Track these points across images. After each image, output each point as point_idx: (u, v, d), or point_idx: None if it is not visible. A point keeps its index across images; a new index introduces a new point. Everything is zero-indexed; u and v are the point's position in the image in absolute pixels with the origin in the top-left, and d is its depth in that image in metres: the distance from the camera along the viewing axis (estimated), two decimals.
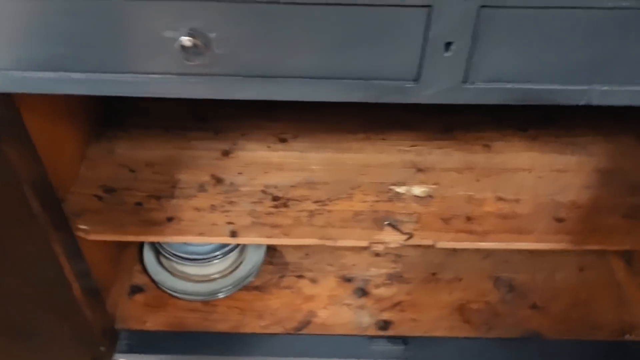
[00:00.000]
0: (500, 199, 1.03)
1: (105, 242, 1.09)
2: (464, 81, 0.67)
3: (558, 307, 1.26)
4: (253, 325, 1.22)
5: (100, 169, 1.05)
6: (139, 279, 1.29)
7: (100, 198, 1.00)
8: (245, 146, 1.12)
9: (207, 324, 1.22)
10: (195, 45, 0.62)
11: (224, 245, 1.21)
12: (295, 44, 0.64)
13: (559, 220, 0.99)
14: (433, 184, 1.05)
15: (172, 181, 1.04)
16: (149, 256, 1.29)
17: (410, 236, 0.96)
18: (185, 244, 1.19)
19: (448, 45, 0.64)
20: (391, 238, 0.96)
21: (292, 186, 1.04)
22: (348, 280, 1.30)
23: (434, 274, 1.32)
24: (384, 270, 1.32)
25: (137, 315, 1.23)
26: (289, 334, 1.21)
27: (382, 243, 0.95)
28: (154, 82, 0.67)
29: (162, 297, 1.26)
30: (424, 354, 1.19)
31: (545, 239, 0.96)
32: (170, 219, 0.98)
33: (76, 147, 1.04)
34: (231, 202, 1.01)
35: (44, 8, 0.61)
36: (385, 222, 0.98)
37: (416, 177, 1.07)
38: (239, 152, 1.11)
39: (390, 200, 1.02)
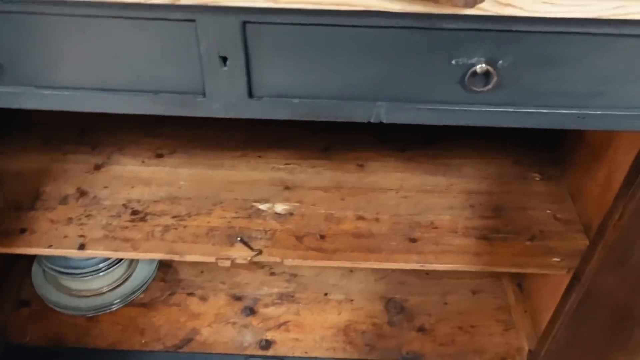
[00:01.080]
0: (360, 217, 1.03)
1: None
2: (250, 96, 0.68)
3: (445, 330, 1.24)
4: (133, 342, 1.21)
5: None
6: (27, 294, 1.28)
7: None
8: (120, 160, 1.13)
9: (86, 340, 1.21)
10: None
11: (107, 259, 1.21)
12: (75, 57, 0.65)
13: (412, 240, 0.98)
14: (296, 202, 1.05)
15: (36, 193, 1.05)
16: (36, 270, 1.28)
17: (260, 252, 0.96)
18: (68, 257, 1.19)
19: (224, 60, 0.64)
20: (239, 254, 0.95)
21: (154, 201, 1.04)
22: (238, 298, 1.30)
23: (325, 294, 1.31)
24: (275, 290, 1.32)
25: (19, 329, 1.22)
26: (168, 351, 1.20)
27: (228, 259, 0.94)
28: None
29: (47, 311, 1.25)
30: None
31: (393, 259, 0.95)
32: (23, 231, 0.98)
33: None
34: (89, 216, 1.01)
35: None
36: (237, 238, 0.98)
37: (282, 195, 1.07)
38: (111, 166, 1.11)
39: (249, 216, 1.02)
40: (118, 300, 1.25)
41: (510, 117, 0.68)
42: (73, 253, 0.95)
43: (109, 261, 1.21)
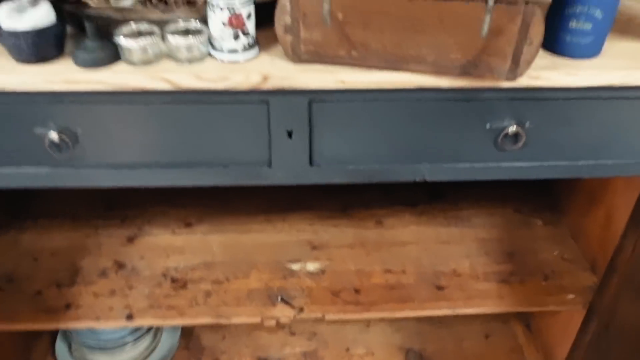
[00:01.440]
0: (387, 271, 1.10)
1: (9, 332, 1.10)
2: (311, 164, 0.76)
3: None
4: None
5: (3, 259, 1.09)
6: None
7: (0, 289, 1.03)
8: (151, 231, 1.18)
9: None
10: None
11: (135, 330, 1.23)
12: (159, 139, 0.72)
13: (440, 288, 1.06)
14: (326, 260, 1.12)
15: (74, 269, 1.08)
16: (60, 347, 1.29)
17: (301, 310, 1.01)
18: (94, 331, 1.21)
19: (290, 133, 0.73)
20: (282, 313, 1.01)
21: (192, 268, 1.09)
22: None
23: (347, 349, 1.35)
24: (298, 349, 1.35)
25: None
26: None
27: (273, 318, 1.00)
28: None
29: None
30: None
31: (426, 307, 1.02)
32: (68, 306, 1.01)
33: None
34: (130, 287, 1.05)
35: None
36: (278, 298, 1.03)
37: (311, 254, 1.13)
38: (143, 237, 1.16)
39: (284, 277, 1.08)
40: None
41: (535, 171, 0.79)
42: (121, 324, 0.99)
43: (136, 333, 1.24)
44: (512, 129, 0.74)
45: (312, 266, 1.11)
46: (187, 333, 1.37)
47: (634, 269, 0.88)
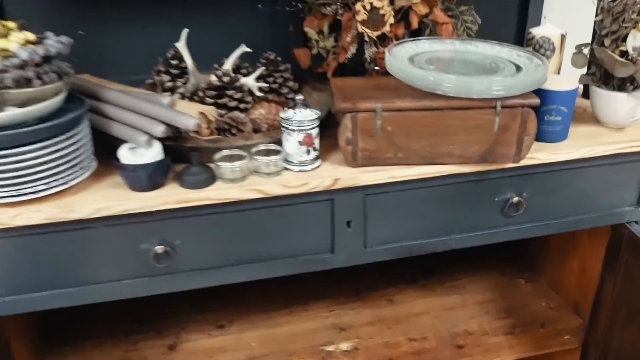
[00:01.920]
0: (411, 339, 1.25)
1: None
2: (365, 247, 0.93)
3: None
4: None
5: None
6: None
7: None
8: (188, 338, 1.26)
9: None
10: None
11: None
12: (237, 238, 0.87)
13: (459, 347, 1.22)
14: (355, 339, 1.25)
15: None
16: None
17: None
18: None
19: (349, 223, 0.90)
20: None
21: None
22: None
23: None
24: None
25: None
26: None
27: None
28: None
29: None
30: None
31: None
32: None
33: None
34: None
35: (29, 248, 0.80)
36: None
37: (340, 336, 1.26)
38: (183, 344, 1.25)
39: (323, 358, 1.20)
40: None
41: (534, 230, 1.01)
42: None
43: None
44: (515, 199, 0.96)
45: (344, 346, 1.23)
46: None
47: (618, 303, 1.09)
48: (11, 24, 0.79)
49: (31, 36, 0.77)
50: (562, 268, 1.35)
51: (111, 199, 0.79)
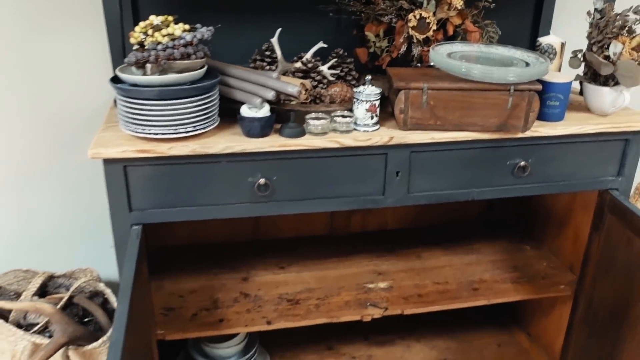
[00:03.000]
0: (436, 283, 1.56)
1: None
2: (408, 193, 1.26)
3: None
4: None
5: (157, 298, 1.46)
6: None
7: (165, 315, 1.40)
8: (257, 274, 1.59)
9: None
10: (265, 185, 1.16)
11: (242, 355, 1.59)
12: (315, 178, 1.20)
13: (475, 289, 1.53)
14: (391, 280, 1.57)
15: (213, 299, 1.47)
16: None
17: (386, 309, 1.44)
18: (215, 351, 1.55)
19: (397, 173, 1.23)
20: (374, 312, 1.43)
21: (298, 293, 1.51)
22: None
23: None
24: None
25: None
26: None
27: (369, 315, 1.42)
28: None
29: None
30: None
31: (469, 300, 1.48)
32: (221, 320, 1.39)
33: None
34: (259, 307, 1.45)
35: (172, 174, 1.13)
36: (368, 304, 1.46)
37: (379, 278, 1.58)
38: (253, 278, 1.57)
39: (365, 292, 1.52)
40: None
41: (536, 189, 1.32)
42: (264, 327, 1.38)
43: (242, 357, 1.60)
44: (522, 163, 1.27)
45: (382, 284, 1.55)
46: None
47: (601, 257, 1.39)
48: (170, 18, 1.14)
49: (187, 26, 1.12)
50: (560, 237, 1.65)
51: (233, 141, 1.13)
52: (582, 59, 1.30)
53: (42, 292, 1.56)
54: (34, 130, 1.55)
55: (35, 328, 1.41)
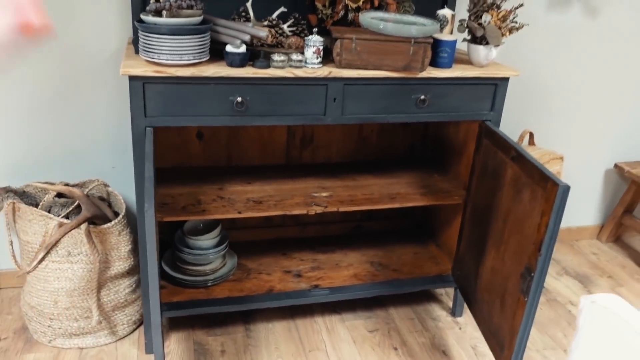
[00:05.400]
0: (364, 194, 2.10)
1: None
2: (342, 114, 1.78)
3: (409, 272, 2.27)
4: (236, 293, 2.05)
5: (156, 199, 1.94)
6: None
7: (161, 207, 1.88)
8: (230, 186, 2.08)
9: (210, 295, 2.02)
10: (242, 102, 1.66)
11: (216, 250, 2.08)
12: (277, 100, 1.71)
13: (392, 197, 2.07)
14: (331, 192, 2.09)
15: (197, 199, 1.96)
16: (167, 261, 2.09)
17: (326, 207, 1.97)
18: (193, 249, 2.04)
19: (334, 99, 1.75)
20: (317, 208, 1.95)
21: (260, 197, 2.01)
22: (289, 272, 2.21)
23: (336, 264, 2.28)
24: (308, 265, 2.25)
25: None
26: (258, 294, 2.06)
27: (313, 211, 1.94)
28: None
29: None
30: None
31: (387, 203, 2.02)
32: (203, 211, 1.88)
33: None
34: (232, 204, 1.94)
35: (176, 91, 1.62)
36: (312, 204, 1.98)
37: (322, 190, 2.10)
38: (227, 188, 2.07)
39: (312, 198, 2.03)
40: (220, 277, 2.10)
41: (433, 117, 1.87)
42: (235, 215, 1.87)
43: (216, 252, 2.09)
44: (422, 97, 1.82)
45: (324, 194, 2.07)
46: (240, 260, 2.22)
47: (480, 173, 1.95)
48: None
49: None
50: (459, 164, 2.21)
51: (220, 69, 1.62)
52: (465, 25, 1.86)
53: (60, 197, 2.01)
54: (61, 68, 2.00)
55: (61, 215, 1.87)
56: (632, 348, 1.00)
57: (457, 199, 2.11)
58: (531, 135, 2.54)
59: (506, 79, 1.89)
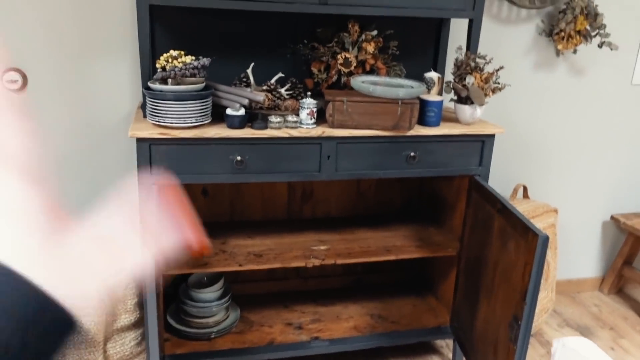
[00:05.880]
0: (361, 247, 2.18)
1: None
2: (336, 171, 1.89)
3: (408, 324, 2.31)
4: (239, 345, 2.10)
5: None
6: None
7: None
8: (232, 241, 2.18)
9: (214, 346, 2.08)
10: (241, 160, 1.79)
11: (219, 302, 2.15)
12: (274, 158, 1.83)
13: (388, 250, 2.15)
14: (329, 245, 2.18)
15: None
16: (172, 314, 2.16)
17: (324, 259, 2.05)
18: (196, 302, 2.12)
19: (328, 157, 1.87)
20: (315, 261, 2.03)
21: (261, 250, 2.10)
22: (290, 324, 2.27)
23: (337, 316, 2.33)
24: (309, 318, 2.31)
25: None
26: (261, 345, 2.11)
27: (311, 263, 2.02)
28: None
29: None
30: None
31: (383, 256, 2.10)
32: (205, 264, 1.97)
33: None
34: (233, 257, 2.03)
35: (180, 151, 1.75)
36: (311, 257, 2.06)
37: (320, 244, 2.19)
38: (229, 242, 2.16)
39: (310, 251, 2.12)
40: (223, 329, 2.16)
41: (423, 173, 1.97)
42: (235, 268, 1.96)
43: (219, 305, 2.16)
44: (411, 154, 1.93)
45: (323, 247, 2.16)
46: (242, 313, 2.29)
47: (471, 224, 2.03)
48: (182, 52, 1.78)
49: (193, 57, 1.77)
50: (453, 217, 2.30)
51: (221, 130, 1.76)
52: (451, 87, 1.99)
53: None
54: (76, 131, 2.15)
55: None
56: None
57: (451, 251, 2.18)
58: (525, 188, 2.63)
59: (492, 136, 2.00)
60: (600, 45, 2.43)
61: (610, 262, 2.98)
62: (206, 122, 1.78)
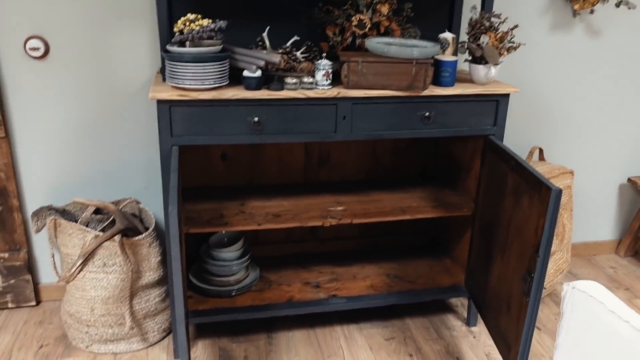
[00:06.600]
0: (377, 207, 2.22)
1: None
2: (351, 132, 1.92)
3: (425, 284, 2.37)
4: (259, 302, 2.18)
5: (184, 215, 2.10)
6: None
7: (187, 221, 2.04)
8: (250, 202, 2.24)
9: (235, 304, 2.16)
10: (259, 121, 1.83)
11: (240, 262, 2.22)
12: (291, 119, 1.87)
13: (404, 211, 2.19)
14: (345, 206, 2.22)
15: (220, 214, 2.11)
16: (194, 273, 2.24)
17: (340, 219, 2.10)
18: (217, 261, 2.19)
19: (344, 117, 1.90)
20: (332, 221, 2.08)
21: (279, 211, 2.16)
22: (308, 283, 2.33)
23: (354, 276, 2.39)
24: (327, 277, 2.37)
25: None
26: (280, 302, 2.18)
27: (329, 223, 2.07)
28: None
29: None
30: None
31: (399, 215, 2.14)
32: (226, 223, 2.03)
33: None
34: (252, 217, 2.09)
35: (199, 113, 1.79)
36: (328, 217, 2.11)
37: (337, 205, 2.24)
38: (248, 204, 2.22)
39: (327, 212, 2.17)
40: (243, 287, 2.23)
41: (437, 133, 1.99)
42: (255, 227, 2.02)
43: (240, 264, 2.23)
44: (426, 114, 1.95)
45: (339, 208, 2.21)
46: (262, 273, 2.36)
47: (485, 185, 2.06)
48: (199, 16, 1.82)
49: (210, 20, 1.80)
50: (467, 179, 2.32)
51: (238, 92, 1.80)
52: (465, 47, 2.00)
53: (96, 213, 2.20)
54: (99, 97, 2.21)
55: (97, 229, 2.05)
56: (609, 327, 1.09)
57: (466, 211, 2.22)
58: (541, 151, 2.63)
59: (507, 95, 2.01)
60: (617, 5, 2.40)
61: (627, 225, 2.98)
62: (224, 84, 1.82)
